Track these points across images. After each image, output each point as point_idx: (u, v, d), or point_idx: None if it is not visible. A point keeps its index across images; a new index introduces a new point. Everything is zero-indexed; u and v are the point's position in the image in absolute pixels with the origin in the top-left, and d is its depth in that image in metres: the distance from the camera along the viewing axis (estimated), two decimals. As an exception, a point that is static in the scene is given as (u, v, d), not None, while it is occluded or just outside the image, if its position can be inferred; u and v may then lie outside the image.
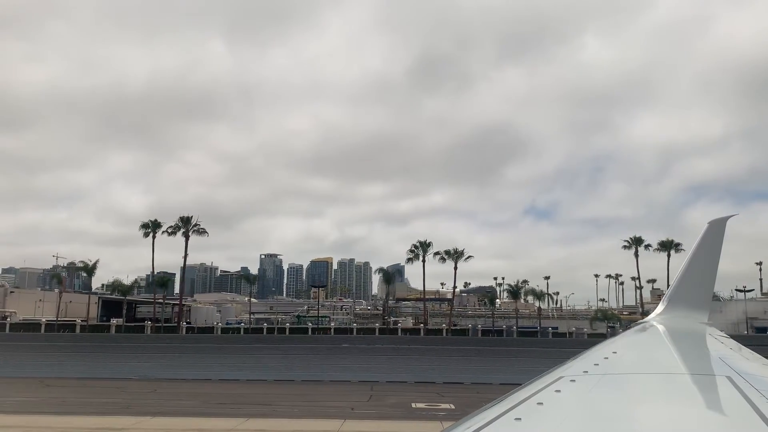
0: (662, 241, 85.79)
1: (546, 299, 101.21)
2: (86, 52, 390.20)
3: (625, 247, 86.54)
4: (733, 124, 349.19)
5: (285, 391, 44.17)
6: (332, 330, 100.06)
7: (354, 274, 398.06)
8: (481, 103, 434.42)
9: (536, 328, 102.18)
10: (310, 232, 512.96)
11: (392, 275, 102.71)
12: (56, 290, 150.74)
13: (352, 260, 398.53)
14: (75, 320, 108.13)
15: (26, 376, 50.30)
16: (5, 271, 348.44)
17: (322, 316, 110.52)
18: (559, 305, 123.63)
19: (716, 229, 9.08)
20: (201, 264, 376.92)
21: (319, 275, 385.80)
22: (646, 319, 8.63)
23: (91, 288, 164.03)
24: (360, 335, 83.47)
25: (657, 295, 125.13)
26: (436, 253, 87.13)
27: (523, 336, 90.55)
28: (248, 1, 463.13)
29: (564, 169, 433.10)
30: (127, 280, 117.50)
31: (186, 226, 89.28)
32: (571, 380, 3.63)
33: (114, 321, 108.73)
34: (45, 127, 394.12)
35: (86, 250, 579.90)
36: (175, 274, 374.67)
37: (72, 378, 49.80)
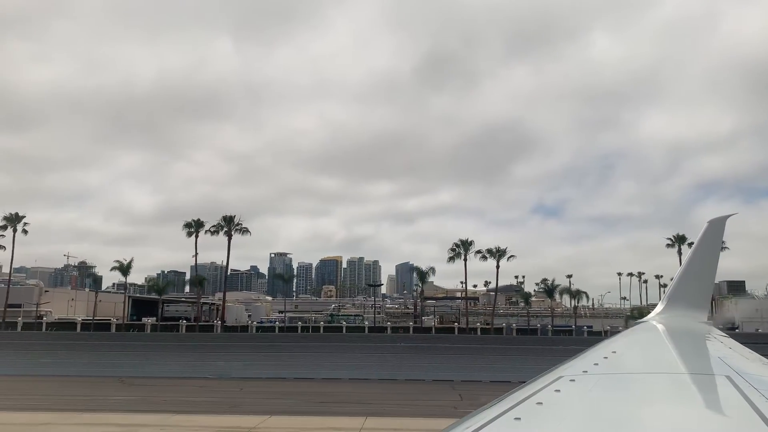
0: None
1: (582, 298, 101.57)
2: (93, 52, 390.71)
3: (669, 245, 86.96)
4: (743, 121, 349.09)
5: (369, 390, 44.63)
6: (366, 329, 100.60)
7: (363, 272, 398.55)
8: (488, 101, 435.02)
9: (571, 326, 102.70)
10: (318, 231, 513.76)
11: (426, 274, 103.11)
12: (87, 289, 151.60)
13: (361, 259, 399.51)
14: (109, 319, 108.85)
15: (97, 375, 51.02)
16: (16, 270, 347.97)
17: (355, 315, 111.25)
18: (592, 304, 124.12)
19: (716, 229, 9.03)
20: (212, 263, 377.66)
21: (329, 274, 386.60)
22: (645, 318, 8.62)
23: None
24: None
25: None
26: (478, 252, 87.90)
27: (557, 335, 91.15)
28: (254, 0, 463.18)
29: (572, 166, 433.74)
30: (135, 279, 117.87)
31: (229, 225, 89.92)
32: (570, 380, 3.66)
33: (150, 320, 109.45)
34: (52, 127, 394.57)
35: (94, 250, 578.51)
36: (185, 273, 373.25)
37: (147, 377, 50.48)
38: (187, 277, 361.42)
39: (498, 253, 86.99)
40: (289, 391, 44.26)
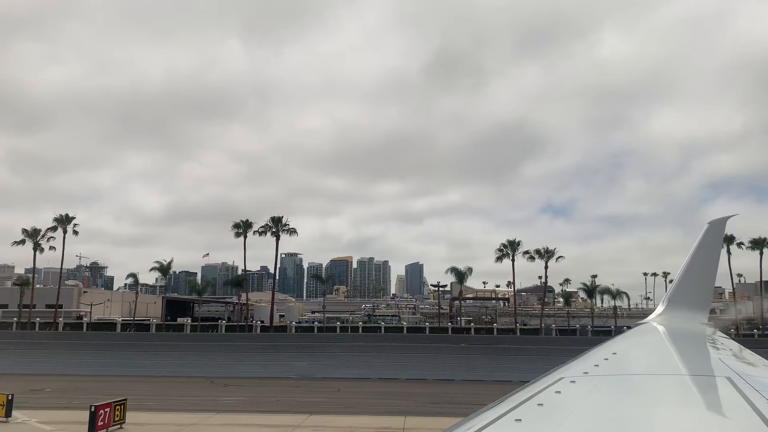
0: (755, 239, 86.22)
1: (622, 298, 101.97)
2: (103, 53, 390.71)
3: (748, 247, 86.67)
4: (755, 119, 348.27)
5: (457, 390, 44.93)
6: (405, 329, 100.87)
7: (373, 272, 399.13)
8: (497, 101, 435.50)
9: (609, 327, 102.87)
10: (326, 231, 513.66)
11: (464, 274, 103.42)
12: (121, 290, 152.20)
13: (371, 259, 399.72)
14: (148, 320, 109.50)
15: (178, 375, 51.50)
16: (28, 270, 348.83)
17: (392, 315, 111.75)
18: (627, 304, 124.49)
19: (716, 230, 8.98)
20: (223, 263, 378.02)
21: (339, 274, 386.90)
22: (646, 319, 8.56)
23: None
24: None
25: (718, 293, 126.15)
26: (525, 252, 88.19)
27: (597, 335, 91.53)
28: (263, 0, 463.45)
29: (581, 166, 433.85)
30: (145, 280, 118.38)
31: (277, 225, 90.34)
32: (571, 381, 3.68)
33: (187, 321, 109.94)
34: (62, 128, 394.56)
35: (104, 250, 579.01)
36: (196, 273, 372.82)
37: (233, 377, 50.99)
38: (198, 277, 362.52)
39: (547, 254, 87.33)
40: (389, 391, 44.69)
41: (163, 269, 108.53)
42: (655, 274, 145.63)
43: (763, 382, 3.82)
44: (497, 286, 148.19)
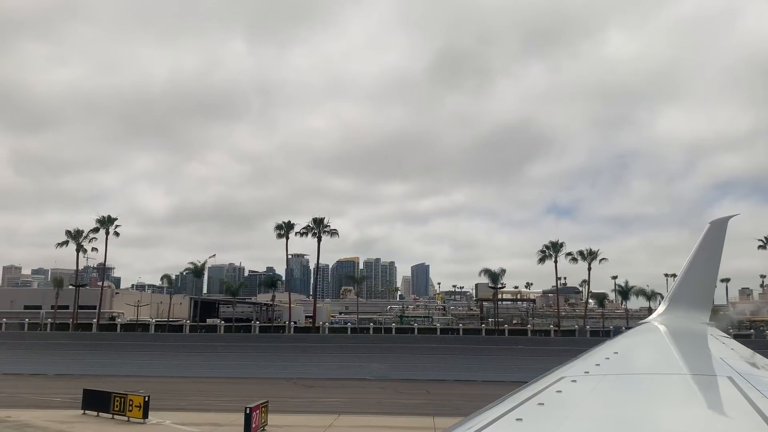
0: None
1: (656, 299, 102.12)
2: (108, 54, 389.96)
3: (760, 246, 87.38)
4: (762, 119, 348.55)
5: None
6: (438, 330, 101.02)
7: (380, 273, 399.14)
8: (502, 101, 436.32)
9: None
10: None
11: (498, 275, 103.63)
12: (149, 291, 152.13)
13: (377, 260, 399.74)
14: (181, 321, 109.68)
15: (254, 376, 51.66)
16: (35, 271, 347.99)
17: (424, 317, 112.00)
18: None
19: (717, 229, 8.97)
20: (230, 264, 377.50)
21: (346, 274, 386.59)
22: (647, 319, 8.59)
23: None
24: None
25: (746, 294, 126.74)
26: (568, 254, 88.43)
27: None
28: (268, 0, 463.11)
29: (586, 166, 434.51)
30: (151, 280, 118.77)
31: (318, 227, 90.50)
32: (572, 380, 3.69)
33: (220, 322, 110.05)
34: (68, 129, 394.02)
35: (109, 251, 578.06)
36: (204, 274, 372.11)
37: (311, 378, 51.14)
38: (205, 278, 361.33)
39: (590, 255, 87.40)
40: (475, 393, 44.85)
41: (197, 270, 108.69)
42: (675, 275, 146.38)
43: (764, 382, 3.83)
44: (516, 287, 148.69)
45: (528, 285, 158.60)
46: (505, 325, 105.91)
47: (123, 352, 60.81)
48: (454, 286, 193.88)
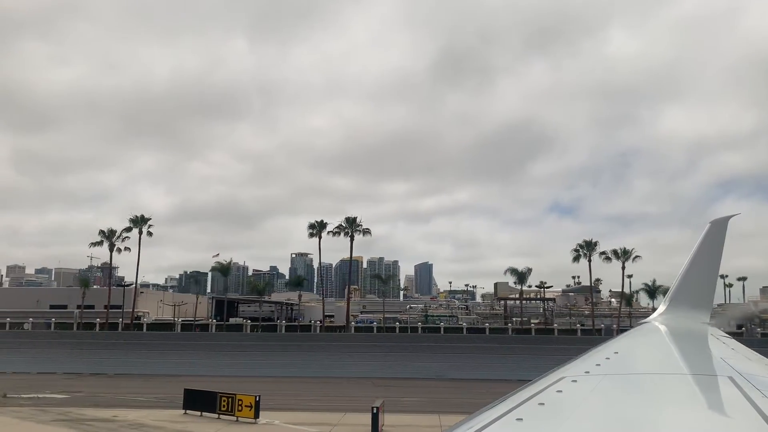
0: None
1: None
2: (109, 53, 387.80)
3: None
4: (765, 118, 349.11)
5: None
6: (464, 329, 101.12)
7: (383, 272, 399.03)
8: (504, 99, 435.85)
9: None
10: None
11: (524, 275, 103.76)
12: (171, 291, 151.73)
13: (381, 259, 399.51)
14: (206, 320, 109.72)
15: (318, 376, 51.69)
16: (38, 271, 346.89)
17: (450, 316, 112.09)
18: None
19: (718, 229, 8.94)
20: (234, 263, 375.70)
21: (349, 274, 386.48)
22: (647, 319, 8.57)
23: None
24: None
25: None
26: (602, 253, 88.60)
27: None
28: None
29: (588, 165, 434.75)
30: (154, 279, 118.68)
31: (351, 226, 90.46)
32: (572, 380, 3.68)
33: (247, 321, 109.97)
34: (69, 128, 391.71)
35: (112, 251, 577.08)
36: (207, 273, 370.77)
37: (385, 378, 51.06)
38: (209, 277, 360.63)
39: (624, 255, 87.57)
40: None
41: (223, 269, 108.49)
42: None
43: (764, 382, 3.85)
44: (529, 286, 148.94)
45: (542, 284, 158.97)
46: (532, 324, 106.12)
47: (173, 351, 60.91)
48: (467, 285, 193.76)
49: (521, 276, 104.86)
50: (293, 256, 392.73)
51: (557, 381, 3.64)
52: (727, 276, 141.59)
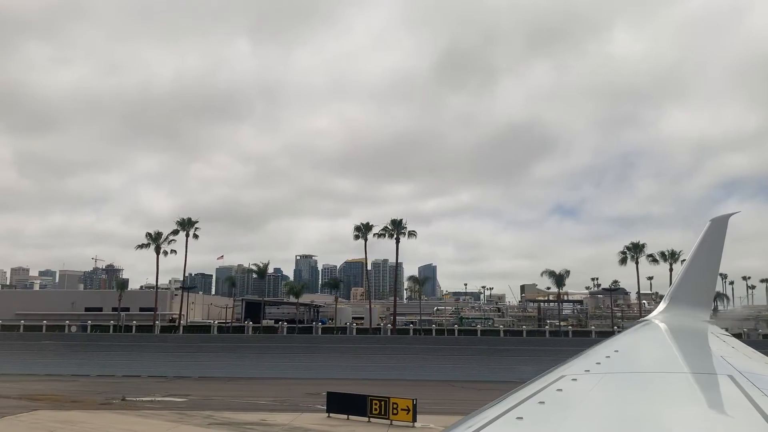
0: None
1: (723, 300, 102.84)
2: (111, 54, 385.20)
3: None
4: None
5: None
6: (501, 332, 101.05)
7: (387, 274, 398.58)
8: (507, 100, 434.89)
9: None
10: (334, 232, 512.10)
11: (563, 276, 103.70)
12: (200, 293, 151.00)
13: (385, 260, 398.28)
14: (244, 323, 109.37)
15: (387, 378, 51.44)
16: (42, 273, 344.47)
17: (485, 318, 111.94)
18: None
19: (718, 227, 8.93)
20: (238, 265, 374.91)
21: (354, 276, 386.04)
22: (647, 317, 8.53)
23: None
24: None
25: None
26: (649, 256, 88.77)
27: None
28: (272, 0, 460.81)
29: (591, 166, 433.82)
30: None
31: (397, 228, 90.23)
32: (572, 379, 3.67)
33: (283, 323, 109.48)
34: (72, 130, 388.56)
35: (113, 252, 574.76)
36: (212, 275, 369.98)
37: (465, 381, 50.88)
38: (213, 279, 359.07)
39: (672, 257, 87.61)
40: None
41: (260, 271, 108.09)
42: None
43: (765, 380, 3.85)
44: (548, 288, 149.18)
45: (554, 286, 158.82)
46: (569, 327, 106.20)
47: (243, 353, 60.84)
48: (483, 287, 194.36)
49: (559, 278, 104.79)
50: (298, 258, 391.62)
51: (557, 380, 3.62)
52: (749, 277, 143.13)
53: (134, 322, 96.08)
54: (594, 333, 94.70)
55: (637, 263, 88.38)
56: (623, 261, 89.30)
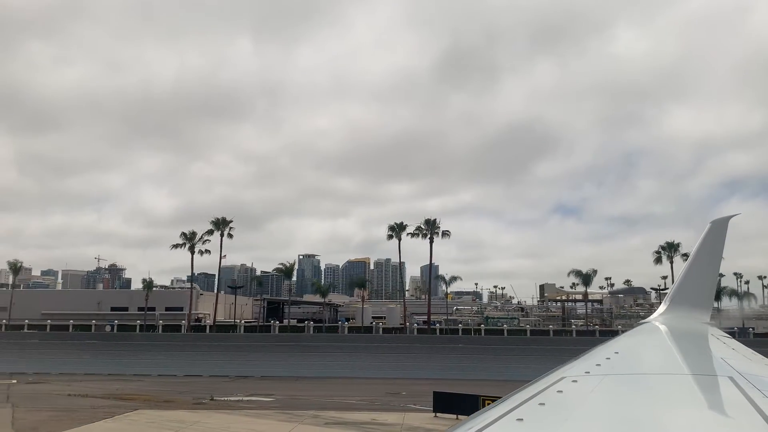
0: None
1: (750, 300, 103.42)
2: (113, 54, 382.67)
3: None
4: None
5: None
6: (528, 332, 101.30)
7: (390, 274, 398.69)
8: (509, 99, 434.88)
9: (733, 328, 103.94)
10: (336, 232, 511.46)
11: (590, 276, 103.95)
12: (222, 292, 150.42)
13: (388, 260, 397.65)
14: (270, 323, 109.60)
15: (420, 378, 51.26)
16: (44, 273, 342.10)
17: (511, 318, 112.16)
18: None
19: (718, 229, 8.96)
20: (242, 265, 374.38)
21: (356, 275, 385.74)
22: (647, 319, 8.53)
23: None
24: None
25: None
26: (684, 255, 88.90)
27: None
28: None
29: (593, 165, 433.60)
30: (159, 281, 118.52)
31: (430, 228, 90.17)
32: (573, 380, 3.67)
33: (309, 323, 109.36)
34: (73, 129, 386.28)
35: (114, 252, 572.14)
36: (214, 275, 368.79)
37: (510, 381, 50.91)
38: (216, 279, 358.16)
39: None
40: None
41: (287, 270, 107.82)
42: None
43: (765, 382, 3.85)
44: (561, 287, 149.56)
45: (574, 285, 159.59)
46: (596, 327, 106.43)
47: (272, 352, 61.17)
48: (495, 287, 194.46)
49: (586, 277, 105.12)
50: (300, 257, 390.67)
51: (558, 381, 3.64)
52: (765, 277, 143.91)
53: (161, 322, 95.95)
54: (621, 332, 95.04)
55: (671, 262, 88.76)
56: (658, 260, 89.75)
